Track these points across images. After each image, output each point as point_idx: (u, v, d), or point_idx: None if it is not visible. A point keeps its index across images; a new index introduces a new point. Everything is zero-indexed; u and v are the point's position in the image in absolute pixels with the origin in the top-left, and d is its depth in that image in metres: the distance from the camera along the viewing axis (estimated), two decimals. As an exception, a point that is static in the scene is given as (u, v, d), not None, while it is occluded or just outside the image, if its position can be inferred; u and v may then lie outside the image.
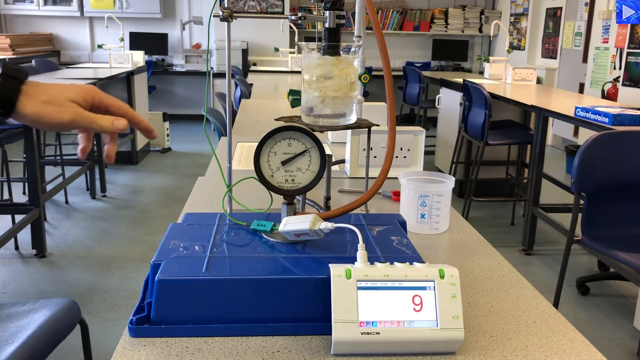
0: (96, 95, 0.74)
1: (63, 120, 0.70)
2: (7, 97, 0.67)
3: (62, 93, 0.71)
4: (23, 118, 0.69)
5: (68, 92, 0.72)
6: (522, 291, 0.95)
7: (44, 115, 0.69)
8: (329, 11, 0.95)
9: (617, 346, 2.54)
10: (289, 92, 1.15)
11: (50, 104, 0.70)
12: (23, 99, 0.69)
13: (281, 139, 0.89)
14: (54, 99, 0.70)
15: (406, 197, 1.22)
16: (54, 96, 0.70)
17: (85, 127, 0.73)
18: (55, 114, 0.70)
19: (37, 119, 0.69)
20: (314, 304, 0.78)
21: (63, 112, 0.70)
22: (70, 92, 0.72)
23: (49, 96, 0.70)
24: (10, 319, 1.48)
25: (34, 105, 0.69)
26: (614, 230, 2.30)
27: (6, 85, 0.67)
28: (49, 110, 0.70)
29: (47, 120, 0.70)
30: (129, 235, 3.74)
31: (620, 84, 4.95)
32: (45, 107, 0.69)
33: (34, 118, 0.69)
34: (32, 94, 0.69)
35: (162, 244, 0.88)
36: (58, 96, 0.71)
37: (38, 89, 0.70)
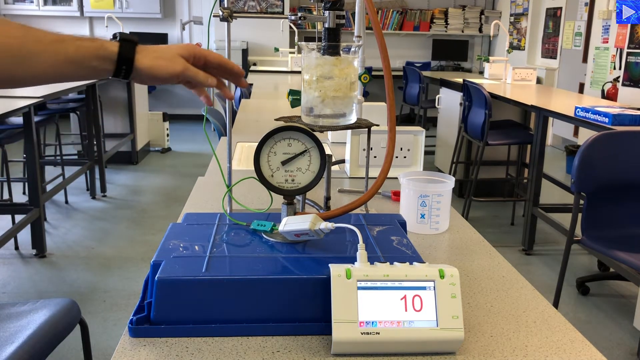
0: (196, 51, 0.86)
1: (175, 70, 0.81)
2: (126, 55, 0.79)
3: (171, 50, 0.83)
4: (140, 73, 0.80)
5: (175, 48, 0.84)
6: (522, 291, 0.95)
7: (158, 68, 0.81)
8: (329, 11, 0.95)
9: (617, 346, 2.54)
10: (289, 92, 1.15)
11: (162, 59, 0.81)
12: (139, 56, 0.80)
13: (281, 139, 0.89)
14: (164, 54, 0.82)
15: (406, 197, 1.22)
16: (164, 52, 0.82)
17: (189, 78, 0.84)
18: (167, 66, 0.81)
19: (153, 71, 0.80)
20: (314, 304, 0.78)
21: (174, 64, 0.82)
22: (177, 48, 0.84)
23: (160, 52, 0.82)
24: (10, 319, 1.48)
25: (149, 60, 0.80)
26: (614, 230, 2.30)
27: (124, 47, 0.79)
28: (161, 63, 0.81)
29: (162, 72, 0.81)
30: (129, 235, 3.74)
31: (620, 84, 4.95)
32: (158, 60, 0.81)
33: (150, 71, 0.80)
34: (146, 52, 0.81)
35: (162, 244, 0.88)
36: (167, 52, 0.82)
37: (150, 49, 0.82)
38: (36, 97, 3.33)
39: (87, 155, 4.60)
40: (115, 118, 5.42)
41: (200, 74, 0.85)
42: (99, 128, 4.63)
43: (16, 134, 3.57)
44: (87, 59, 0.77)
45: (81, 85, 4.12)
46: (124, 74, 0.80)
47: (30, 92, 3.57)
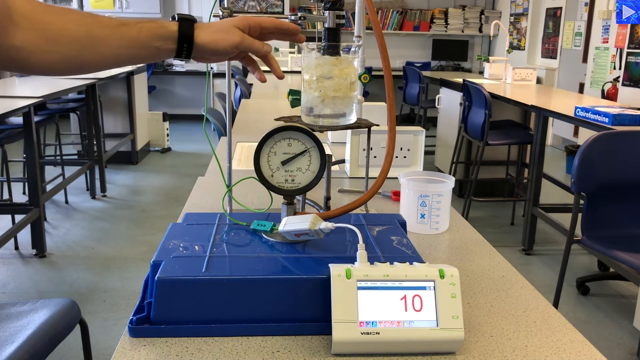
0: (250, 21, 0.88)
1: (234, 41, 0.84)
2: (186, 33, 0.82)
3: (227, 22, 0.86)
4: (201, 49, 0.83)
5: (232, 21, 0.86)
6: (522, 291, 0.95)
7: (217, 42, 0.83)
8: (329, 11, 0.95)
9: (617, 346, 2.54)
10: (289, 92, 1.15)
11: (220, 32, 0.84)
12: (198, 32, 0.83)
13: (281, 139, 0.89)
14: (221, 28, 0.84)
15: (406, 197, 1.22)
16: (220, 25, 0.85)
17: (247, 48, 0.86)
18: (226, 39, 0.83)
19: (212, 45, 0.83)
20: (314, 304, 0.78)
21: (233, 36, 0.84)
22: (232, 20, 0.86)
23: (217, 27, 0.85)
24: (10, 319, 1.48)
25: (207, 35, 0.83)
26: (614, 230, 2.30)
27: (183, 25, 0.82)
28: (220, 36, 0.83)
29: (221, 45, 0.83)
30: (129, 235, 3.74)
31: (620, 84, 4.95)
32: (217, 34, 0.84)
33: (210, 45, 0.83)
34: (204, 28, 0.84)
35: (162, 244, 0.88)
36: (223, 24, 0.85)
37: (206, 25, 0.85)
38: (36, 97, 3.33)
39: (87, 155, 4.61)
40: (115, 118, 5.42)
41: (257, 43, 0.87)
42: (99, 128, 4.63)
43: (16, 134, 3.57)
44: (150, 40, 0.80)
45: (81, 85, 4.13)
46: (185, 53, 0.82)
47: (30, 92, 3.57)
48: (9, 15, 0.71)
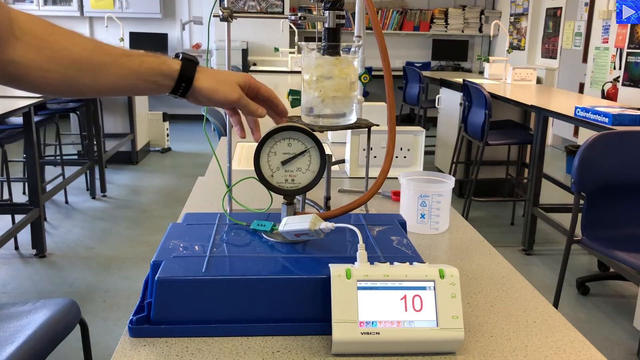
0: (251, 82, 0.89)
1: (232, 97, 0.85)
2: (187, 74, 0.82)
3: (231, 77, 0.86)
4: (198, 93, 0.83)
5: (235, 76, 0.87)
6: (522, 291, 0.95)
7: (217, 91, 0.84)
8: (329, 11, 0.95)
9: (617, 346, 2.54)
10: (289, 92, 1.15)
11: (221, 83, 0.85)
12: (199, 76, 0.83)
13: (281, 139, 0.89)
14: (222, 79, 0.85)
15: (406, 197, 1.22)
16: (225, 78, 0.86)
17: (242, 107, 0.88)
18: (225, 91, 0.85)
19: (211, 94, 0.84)
20: (314, 304, 0.78)
21: (232, 91, 0.85)
22: (237, 77, 0.87)
23: (219, 76, 0.85)
24: (10, 319, 1.48)
25: (208, 81, 0.84)
26: (614, 230, 2.30)
27: (186, 66, 0.83)
28: (220, 87, 0.84)
29: (219, 96, 0.84)
30: (129, 235, 3.74)
31: (620, 84, 4.95)
32: (217, 84, 0.84)
33: (208, 92, 0.84)
34: (206, 74, 0.84)
35: (162, 244, 0.88)
36: (228, 78, 0.86)
37: (209, 71, 0.86)
38: (36, 97, 3.33)
39: (87, 155, 4.61)
40: (115, 118, 5.43)
41: (252, 104, 0.88)
42: (99, 128, 4.63)
43: (16, 134, 3.57)
44: (150, 74, 0.80)
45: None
46: (181, 92, 0.83)
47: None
48: (10, 28, 0.71)
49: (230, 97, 0.85)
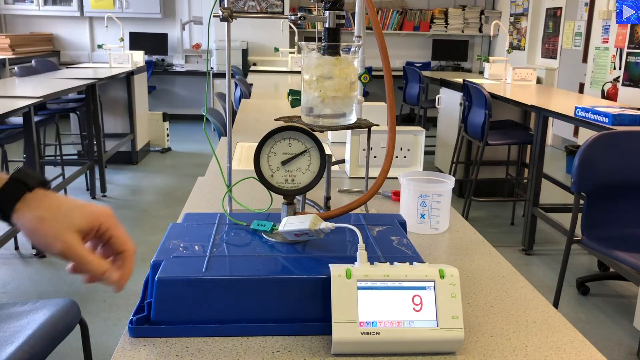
0: (105, 223, 0.69)
1: (52, 248, 0.65)
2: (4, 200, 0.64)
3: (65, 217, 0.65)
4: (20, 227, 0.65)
5: (72, 216, 0.66)
6: (522, 291, 0.95)
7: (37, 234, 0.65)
8: (329, 11, 0.95)
9: (617, 346, 2.54)
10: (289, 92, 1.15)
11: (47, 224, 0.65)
12: (22, 207, 0.65)
13: (281, 139, 0.89)
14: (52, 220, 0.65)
15: (406, 197, 1.22)
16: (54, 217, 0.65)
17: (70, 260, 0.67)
18: (47, 238, 0.65)
19: (30, 234, 0.65)
20: (314, 304, 0.78)
21: (55, 241, 0.65)
22: (76, 216, 0.66)
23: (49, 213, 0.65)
24: (10, 319, 1.48)
25: (31, 218, 0.65)
26: (614, 230, 2.30)
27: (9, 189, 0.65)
28: (44, 229, 0.65)
29: (38, 241, 0.65)
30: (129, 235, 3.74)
31: (620, 84, 4.95)
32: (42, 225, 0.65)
33: (27, 232, 0.65)
34: (33, 206, 0.65)
35: (162, 244, 0.88)
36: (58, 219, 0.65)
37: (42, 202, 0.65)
38: (36, 97, 3.33)
39: (87, 155, 4.60)
40: (115, 118, 5.42)
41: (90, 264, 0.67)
42: (99, 128, 4.63)
43: (16, 134, 3.57)
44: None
45: (81, 85, 4.12)
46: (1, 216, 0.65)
47: (30, 92, 3.57)
48: None
49: (50, 247, 0.65)
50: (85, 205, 0.68)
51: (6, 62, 6.39)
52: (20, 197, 0.65)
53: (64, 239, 0.65)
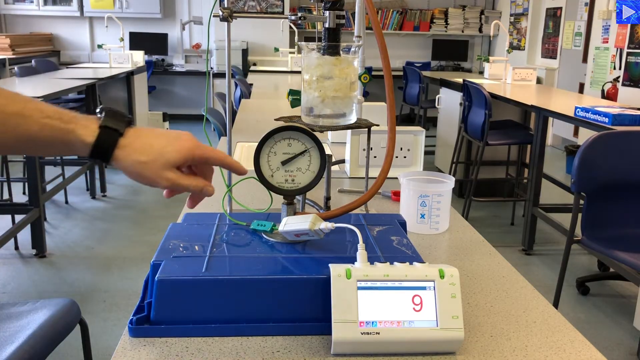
0: (196, 154, 0.75)
1: (159, 186, 0.73)
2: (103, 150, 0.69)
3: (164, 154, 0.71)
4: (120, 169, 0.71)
5: (168, 155, 0.72)
6: (522, 291, 0.95)
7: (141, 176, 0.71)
8: (329, 11, 0.95)
9: (617, 346, 2.54)
10: (289, 92, 1.15)
11: (147, 168, 0.71)
12: (120, 153, 0.70)
13: (281, 139, 0.89)
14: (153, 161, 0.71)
15: (406, 197, 1.22)
16: (154, 157, 0.71)
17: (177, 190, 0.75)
18: (151, 178, 0.72)
19: (135, 176, 0.72)
20: (314, 304, 0.78)
21: (159, 180, 0.72)
22: (173, 154, 0.72)
23: (149, 154, 0.71)
24: (10, 319, 1.48)
25: (130, 163, 0.70)
26: (614, 230, 2.30)
27: (103, 139, 0.69)
28: (146, 172, 0.71)
29: (143, 181, 0.72)
30: (129, 235, 3.74)
31: (620, 84, 4.95)
32: (144, 168, 0.71)
33: (131, 175, 0.72)
34: (130, 150, 0.70)
35: (162, 244, 0.88)
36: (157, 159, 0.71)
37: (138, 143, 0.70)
38: (36, 97, 3.33)
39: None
40: (115, 118, 5.42)
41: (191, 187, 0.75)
42: (99, 128, 4.62)
43: (16, 134, 3.56)
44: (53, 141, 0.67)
45: (81, 85, 4.13)
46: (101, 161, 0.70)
47: (30, 91, 3.57)
48: None
49: (156, 185, 0.72)
50: (174, 139, 0.73)
51: (6, 62, 6.39)
52: (115, 145, 0.69)
53: (166, 177, 0.72)
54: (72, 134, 0.68)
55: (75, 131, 0.68)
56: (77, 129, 0.68)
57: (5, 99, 0.65)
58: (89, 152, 0.69)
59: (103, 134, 0.69)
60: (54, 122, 0.67)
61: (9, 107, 0.65)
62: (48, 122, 0.67)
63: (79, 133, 0.68)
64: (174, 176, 0.73)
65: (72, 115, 0.68)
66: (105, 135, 0.69)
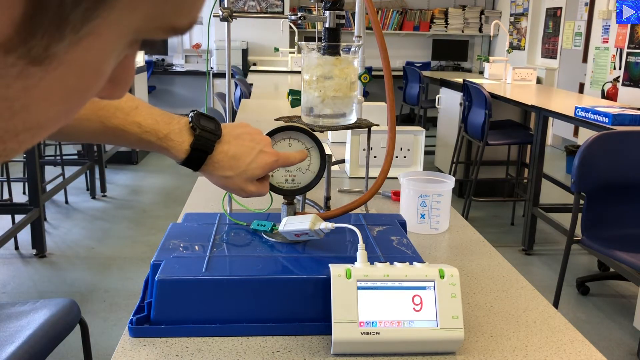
0: (274, 167, 0.82)
1: (239, 195, 0.82)
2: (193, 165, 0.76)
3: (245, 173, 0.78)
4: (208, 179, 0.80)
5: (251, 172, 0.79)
6: (522, 291, 0.95)
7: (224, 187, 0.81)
8: (329, 11, 0.95)
9: (617, 346, 2.54)
10: (289, 92, 1.15)
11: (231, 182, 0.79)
12: (207, 168, 0.77)
13: (281, 139, 0.89)
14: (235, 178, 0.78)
15: (406, 197, 1.22)
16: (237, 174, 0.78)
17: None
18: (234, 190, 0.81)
19: (219, 186, 0.80)
20: (314, 304, 0.78)
21: (241, 192, 0.80)
22: (254, 171, 0.79)
23: (232, 172, 0.78)
24: (10, 319, 1.48)
25: (216, 178, 0.79)
26: (614, 230, 2.30)
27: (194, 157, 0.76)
28: (229, 186, 0.80)
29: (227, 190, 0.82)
30: (129, 235, 3.74)
31: (620, 84, 4.95)
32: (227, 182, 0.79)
33: (215, 184, 0.81)
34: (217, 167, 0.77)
35: (162, 244, 0.88)
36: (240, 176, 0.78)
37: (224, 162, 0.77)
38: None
39: (87, 155, 4.61)
40: (115, 118, 5.42)
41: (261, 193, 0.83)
42: (99, 128, 4.62)
43: (16, 134, 3.56)
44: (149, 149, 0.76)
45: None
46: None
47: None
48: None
49: (239, 195, 0.81)
50: (258, 153, 0.80)
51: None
52: (204, 162, 0.76)
53: (247, 189, 0.80)
54: (165, 151, 0.75)
55: (168, 150, 0.75)
56: (170, 148, 0.74)
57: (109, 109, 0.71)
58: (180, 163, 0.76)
59: (194, 154, 0.76)
60: (149, 138, 0.73)
61: (112, 120, 0.71)
62: (144, 138, 0.73)
63: (172, 153, 0.75)
64: (253, 189, 0.81)
65: (166, 130, 0.74)
66: (196, 155, 0.76)
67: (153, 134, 0.73)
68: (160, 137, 0.74)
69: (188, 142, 0.75)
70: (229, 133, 0.79)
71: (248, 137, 0.80)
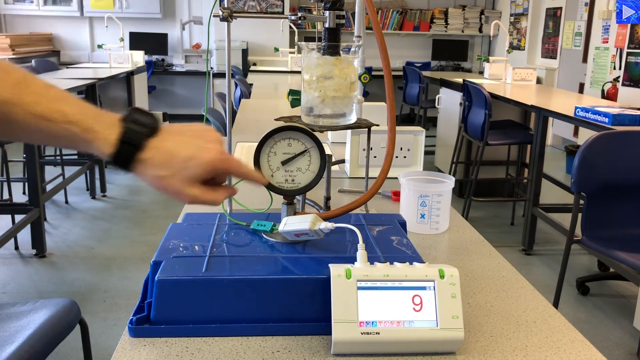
0: (219, 167, 0.71)
1: (181, 201, 0.71)
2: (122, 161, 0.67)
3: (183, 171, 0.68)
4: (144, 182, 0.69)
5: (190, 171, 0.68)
6: (522, 291, 0.95)
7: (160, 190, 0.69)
8: (329, 11, 0.95)
9: (617, 346, 2.54)
10: (289, 92, 1.15)
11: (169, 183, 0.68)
12: (140, 167, 0.67)
13: (281, 139, 0.89)
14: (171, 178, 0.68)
15: (406, 197, 1.22)
16: (173, 173, 0.68)
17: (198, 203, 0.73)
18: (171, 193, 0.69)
19: (155, 188, 0.69)
20: (314, 304, 0.78)
21: (180, 196, 0.69)
22: (193, 169, 0.68)
23: (167, 171, 0.68)
24: (10, 319, 1.48)
25: (151, 178, 0.68)
26: (614, 230, 2.30)
27: (122, 153, 0.66)
28: (166, 188, 0.69)
29: (165, 194, 0.70)
30: (129, 235, 3.74)
31: (620, 84, 4.95)
32: (163, 184, 0.68)
33: (152, 187, 0.69)
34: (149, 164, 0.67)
35: (162, 244, 0.88)
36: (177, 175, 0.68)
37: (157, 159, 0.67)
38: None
39: (87, 155, 4.60)
40: (115, 118, 5.42)
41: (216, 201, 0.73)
42: (99, 128, 4.62)
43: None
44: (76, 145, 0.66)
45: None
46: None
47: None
48: None
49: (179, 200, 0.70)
50: (199, 149, 0.69)
51: (6, 62, 6.38)
52: (133, 159, 0.66)
53: (187, 193, 0.69)
54: (90, 144, 0.65)
55: (93, 142, 0.65)
56: (95, 140, 0.65)
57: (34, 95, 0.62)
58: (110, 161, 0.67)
59: (122, 148, 0.66)
60: (73, 129, 0.64)
61: (37, 107, 0.63)
62: (68, 129, 0.64)
63: (97, 145, 0.65)
64: (197, 192, 0.70)
65: (93, 122, 0.65)
66: (124, 149, 0.66)
67: (77, 123, 0.64)
68: (85, 127, 0.64)
69: (117, 133, 0.66)
70: (169, 129, 0.71)
71: (191, 132, 0.72)
